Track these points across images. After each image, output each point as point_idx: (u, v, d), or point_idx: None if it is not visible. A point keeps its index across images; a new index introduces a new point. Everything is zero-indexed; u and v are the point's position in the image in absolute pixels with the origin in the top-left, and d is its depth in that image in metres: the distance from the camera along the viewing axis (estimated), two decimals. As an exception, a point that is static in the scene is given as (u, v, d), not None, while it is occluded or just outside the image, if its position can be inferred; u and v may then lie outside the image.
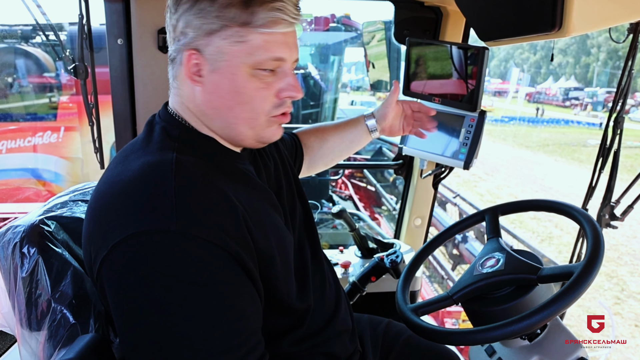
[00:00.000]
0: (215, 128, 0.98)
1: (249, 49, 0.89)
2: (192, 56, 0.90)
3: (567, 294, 0.95)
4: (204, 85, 0.93)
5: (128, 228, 0.78)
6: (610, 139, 1.88)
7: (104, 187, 0.88)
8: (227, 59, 0.90)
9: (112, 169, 0.91)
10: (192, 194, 0.82)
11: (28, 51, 6.14)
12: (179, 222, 0.78)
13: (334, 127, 1.56)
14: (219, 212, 0.83)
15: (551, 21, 1.11)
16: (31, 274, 0.98)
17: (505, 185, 14.11)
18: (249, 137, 0.99)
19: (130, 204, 0.81)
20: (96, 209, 0.86)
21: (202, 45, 0.89)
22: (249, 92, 0.93)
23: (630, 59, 1.79)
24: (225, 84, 0.92)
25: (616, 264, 8.41)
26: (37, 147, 5.98)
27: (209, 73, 0.91)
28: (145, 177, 0.84)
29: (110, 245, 0.79)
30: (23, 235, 1.00)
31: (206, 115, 0.96)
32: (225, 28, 0.88)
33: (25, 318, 0.98)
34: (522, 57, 58.21)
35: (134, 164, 0.87)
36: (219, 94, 0.93)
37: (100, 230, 0.82)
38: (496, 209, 1.36)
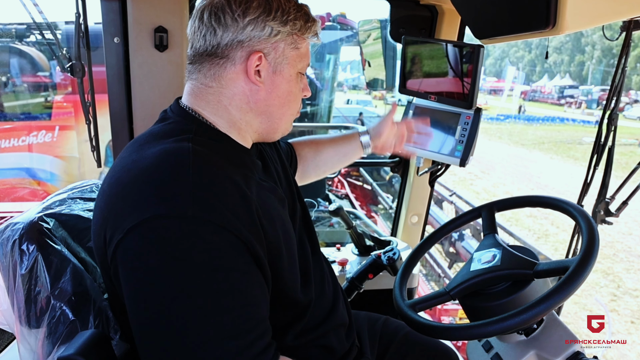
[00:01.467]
0: (253, 123, 1.06)
1: (300, 55, 1.04)
2: (256, 58, 0.98)
3: (563, 289, 0.96)
4: (264, 85, 1.01)
5: (145, 212, 0.80)
6: (604, 136, 1.90)
7: (119, 174, 0.90)
8: (288, 63, 1.02)
9: (126, 157, 0.94)
10: (208, 181, 0.85)
11: (22, 50, 6.12)
12: (194, 207, 0.80)
13: (329, 140, 1.64)
14: (234, 200, 0.86)
15: (545, 19, 1.12)
16: (30, 271, 0.99)
17: (501, 183, 14.16)
18: (281, 130, 1.11)
19: (147, 189, 0.83)
20: (112, 194, 0.88)
21: (269, 49, 0.99)
22: (297, 92, 1.08)
23: (623, 56, 1.81)
24: (284, 85, 1.04)
25: (612, 260, 8.46)
26: (32, 146, 5.96)
27: (271, 74, 1.01)
28: (163, 163, 0.86)
29: (126, 229, 0.81)
30: (22, 232, 1.00)
31: (252, 112, 1.04)
32: (290, 36, 1.01)
33: (25, 315, 0.98)
34: (517, 55, 58.32)
35: (150, 151, 0.90)
36: (277, 94, 1.03)
37: (116, 214, 0.84)
38: (492, 206, 1.37)
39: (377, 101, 25.63)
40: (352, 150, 1.61)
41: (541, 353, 1.12)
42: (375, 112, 18.51)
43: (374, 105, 22.67)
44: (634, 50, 39.20)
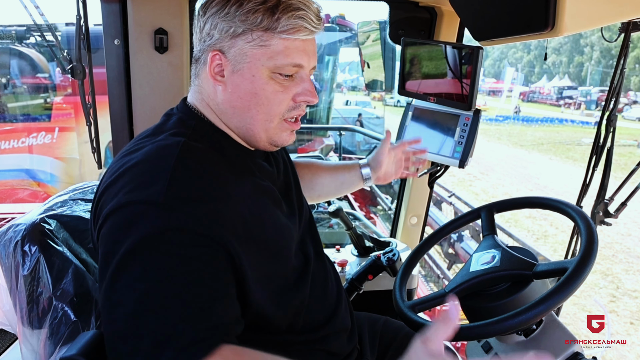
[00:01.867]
0: (232, 126, 1.03)
1: (270, 53, 0.95)
2: (216, 57, 0.97)
3: (562, 289, 0.96)
4: (225, 85, 0.99)
5: (121, 199, 0.83)
6: (603, 137, 1.90)
7: (113, 166, 0.94)
8: (249, 61, 0.96)
9: (125, 151, 0.96)
10: (188, 173, 0.86)
11: (22, 52, 6.12)
12: (167, 195, 0.81)
13: (328, 166, 1.60)
14: (211, 195, 0.87)
15: (544, 21, 1.13)
16: (32, 272, 1.00)
17: (500, 184, 14.17)
18: (263, 139, 1.04)
19: (129, 179, 0.86)
20: (103, 185, 0.92)
21: (226, 47, 0.96)
22: (267, 94, 0.99)
23: (622, 57, 1.81)
24: (245, 84, 0.97)
25: (611, 261, 8.46)
26: (32, 147, 5.96)
27: (231, 74, 0.98)
28: (150, 156, 0.89)
29: (104, 215, 0.84)
30: (24, 234, 1.01)
31: (225, 114, 1.02)
32: (249, 32, 0.94)
33: (27, 316, 0.99)
34: (516, 56, 58.40)
35: (145, 146, 0.92)
36: (238, 94, 0.99)
37: (102, 203, 0.88)
38: (492, 207, 1.37)
39: (376, 102, 25.64)
40: (351, 180, 1.57)
41: (540, 354, 1.12)
42: (374, 113, 18.50)
43: (372, 106, 22.67)
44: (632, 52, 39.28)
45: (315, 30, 0.98)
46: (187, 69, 1.95)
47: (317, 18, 0.97)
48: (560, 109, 36.97)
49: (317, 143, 9.22)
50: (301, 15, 0.94)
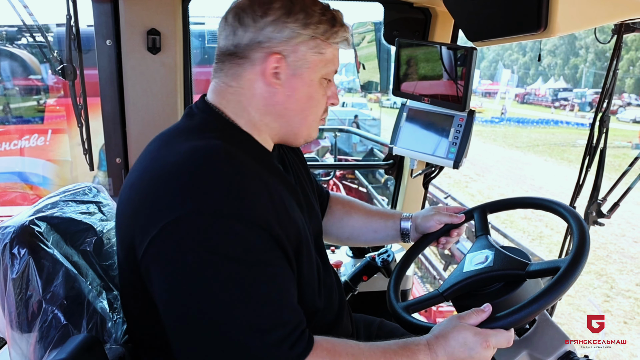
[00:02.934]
0: (272, 127, 1.06)
1: (324, 61, 1.03)
2: (274, 59, 0.98)
3: (554, 288, 0.96)
4: (282, 88, 1.01)
5: (180, 208, 0.82)
6: (596, 138, 1.91)
7: (150, 167, 0.93)
8: (309, 67, 1.01)
9: (154, 150, 0.97)
10: (240, 178, 0.87)
11: (14, 53, 6.08)
12: (229, 204, 0.83)
13: (366, 209, 1.52)
14: (264, 198, 0.89)
15: (536, 21, 1.13)
16: (22, 275, 0.98)
17: (496, 186, 14.20)
18: (303, 136, 1.11)
19: (181, 185, 0.85)
20: (143, 186, 0.90)
21: (288, 51, 0.99)
22: (319, 97, 1.07)
23: (614, 59, 1.82)
24: (304, 88, 1.03)
25: (605, 262, 8.49)
26: (24, 150, 5.92)
27: (290, 77, 1.01)
28: (195, 158, 0.88)
29: (160, 225, 0.82)
30: (13, 236, 1.00)
31: (271, 114, 1.04)
32: (313, 39, 1.00)
33: (16, 320, 0.97)
34: (512, 58, 58.66)
35: (180, 147, 0.91)
36: (296, 97, 1.03)
37: (148, 209, 0.86)
38: (484, 207, 1.37)
39: (373, 104, 25.69)
40: (386, 231, 1.45)
41: (533, 353, 1.12)
42: (370, 115, 18.55)
43: (369, 108, 22.71)
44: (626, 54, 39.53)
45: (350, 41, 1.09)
46: (181, 70, 1.94)
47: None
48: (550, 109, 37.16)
49: (313, 144, 9.20)
50: (347, 29, 1.06)
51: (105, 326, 1.04)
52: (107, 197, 1.36)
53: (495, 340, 0.97)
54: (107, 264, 1.22)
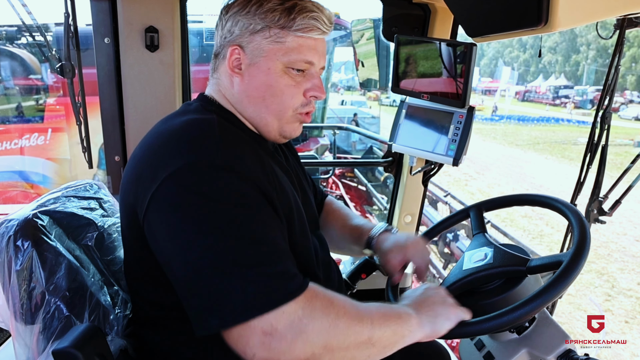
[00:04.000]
0: (247, 115, 1.12)
1: (285, 49, 1.05)
2: (235, 51, 1.07)
3: (558, 282, 0.95)
4: (242, 77, 1.08)
5: (178, 161, 0.89)
6: (597, 135, 1.90)
7: (151, 139, 1.00)
8: (265, 55, 1.06)
9: (154, 129, 1.05)
10: (233, 141, 0.96)
11: (14, 52, 6.08)
12: (223, 157, 0.91)
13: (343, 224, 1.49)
14: (256, 161, 0.97)
15: (537, 16, 1.12)
16: (25, 268, 1.00)
17: (496, 184, 14.18)
18: (275, 128, 1.13)
19: (179, 144, 0.93)
20: (143, 154, 0.98)
21: (245, 42, 1.06)
22: (280, 86, 1.08)
23: (617, 54, 1.81)
24: (261, 76, 1.07)
25: (606, 261, 8.48)
26: (24, 149, 5.93)
27: (248, 66, 1.07)
28: (192, 126, 0.97)
29: (161, 178, 0.89)
30: (17, 229, 1.02)
31: (240, 103, 1.11)
32: (267, 29, 1.04)
33: (19, 311, 0.99)
34: (512, 55, 58.55)
35: (177, 120, 1.00)
36: (254, 85, 1.08)
37: (150, 168, 0.93)
38: (480, 205, 1.37)
39: (372, 102, 25.69)
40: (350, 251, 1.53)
41: (533, 351, 1.12)
42: (369, 113, 18.54)
43: (368, 106, 22.71)
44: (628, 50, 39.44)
45: (326, 31, 1.08)
46: (179, 68, 1.93)
47: (329, 21, 1.08)
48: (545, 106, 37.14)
49: (312, 143, 9.23)
50: (314, 16, 1.05)
51: (108, 318, 1.06)
52: (107, 194, 1.38)
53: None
54: (109, 259, 1.24)
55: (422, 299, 1.06)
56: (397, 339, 0.97)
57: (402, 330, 0.97)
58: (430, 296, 1.07)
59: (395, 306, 1.04)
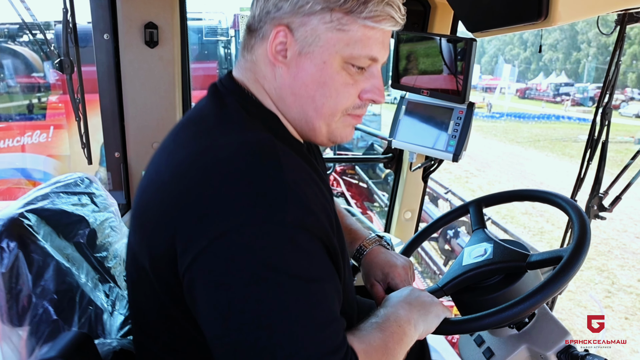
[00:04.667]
0: (290, 116, 0.91)
1: (347, 40, 0.83)
2: (280, 33, 0.83)
3: (558, 277, 0.95)
4: (288, 68, 0.86)
5: (237, 217, 0.70)
6: (598, 131, 1.89)
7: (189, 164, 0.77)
8: (322, 45, 0.83)
9: (189, 142, 0.82)
10: (300, 183, 0.75)
11: (16, 50, 6.08)
12: (292, 213, 0.72)
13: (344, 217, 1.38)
14: (319, 203, 0.79)
15: (537, 10, 1.12)
16: (11, 269, 0.95)
17: (497, 181, 14.17)
18: (323, 133, 0.92)
19: (235, 190, 0.72)
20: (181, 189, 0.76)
21: (297, 24, 0.82)
22: (336, 85, 0.86)
23: (617, 50, 1.80)
24: (313, 71, 0.85)
25: (607, 257, 8.48)
26: (26, 146, 5.94)
27: (297, 55, 0.84)
28: (248, 158, 0.75)
29: (212, 236, 0.70)
30: (2, 230, 0.97)
31: (283, 101, 0.89)
32: (328, 11, 0.81)
33: (6, 313, 0.96)
34: (512, 53, 58.41)
35: (224, 140, 0.78)
36: (303, 81, 0.86)
37: (194, 216, 0.72)
38: (480, 201, 1.37)
39: (373, 99, 25.58)
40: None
41: (533, 347, 1.11)
42: (370, 110, 18.47)
43: (369, 103, 22.61)
44: (629, 48, 39.34)
45: (400, 22, 0.85)
46: (178, 64, 1.93)
47: (402, 8, 0.86)
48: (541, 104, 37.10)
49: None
50: (390, 2, 0.83)
51: (100, 320, 1.03)
52: (99, 187, 1.31)
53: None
54: (102, 255, 1.20)
55: (410, 300, 1.00)
56: (403, 352, 0.91)
57: (407, 345, 0.93)
58: (417, 295, 1.03)
59: (393, 317, 0.94)
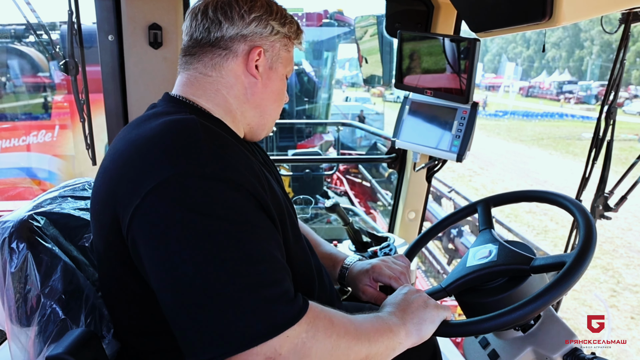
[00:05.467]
0: (246, 116, 1.09)
1: (289, 59, 1.12)
2: (257, 52, 1.04)
3: (560, 284, 0.94)
4: (261, 79, 1.07)
5: (162, 173, 0.80)
6: (602, 130, 1.89)
7: (124, 147, 0.90)
8: (282, 62, 1.10)
9: (124, 135, 0.96)
10: (221, 144, 0.88)
11: (22, 51, 6.11)
12: (212, 166, 0.82)
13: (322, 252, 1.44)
14: (246, 164, 0.89)
15: (542, 10, 1.11)
16: (20, 270, 0.98)
17: (500, 180, 14.15)
18: (266, 129, 1.16)
19: (159, 152, 0.84)
20: (117, 167, 0.89)
21: (267, 46, 1.06)
22: (283, 93, 1.14)
23: (622, 49, 1.80)
24: (276, 82, 1.10)
25: (612, 256, 8.46)
26: (31, 146, 5.97)
27: (268, 70, 1.08)
28: (172, 128, 0.88)
29: (144, 193, 0.80)
30: (12, 231, 0.99)
31: (248, 103, 1.08)
32: (286, 38, 1.09)
33: (15, 313, 0.97)
34: (515, 51, 58.19)
35: (153, 124, 0.90)
36: (271, 89, 1.09)
37: (127, 182, 0.84)
38: (488, 201, 1.35)
39: (376, 98, 25.63)
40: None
41: (538, 349, 1.11)
42: (373, 109, 18.50)
43: (372, 102, 22.66)
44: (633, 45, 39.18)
45: None
46: (182, 64, 1.93)
47: None
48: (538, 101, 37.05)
49: (317, 139, 9.23)
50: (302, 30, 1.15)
51: (104, 320, 1.03)
52: None
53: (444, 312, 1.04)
54: None
55: (405, 305, 1.04)
56: (389, 353, 0.96)
57: (393, 344, 0.97)
58: (413, 301, 1.05)
59: (385, 317, 1.01)
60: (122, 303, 0.98)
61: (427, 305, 1.04)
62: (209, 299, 0.77)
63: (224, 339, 0.76)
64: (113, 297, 1.00)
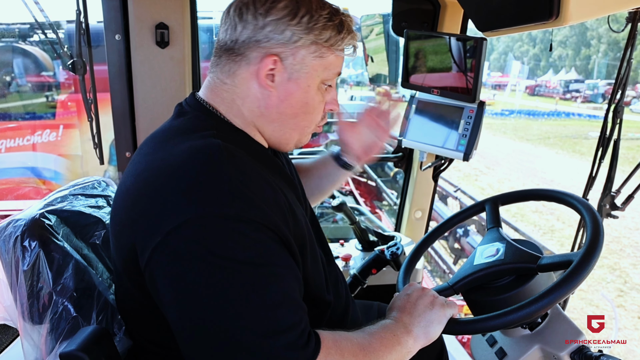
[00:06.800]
0: (265, 131, 1.02)
1: (325, 64, 0.98)
2: (270, 61, 0.93)
3: (566, 283, 0.95)
4: (276, 91, 0.97)
5: (184, 213, 0.78)
6: (610, 129, 1.88)
7: (146, 171, 0.88)
8: (307, 71, 0.96)
9: (150, 153, 0.92)
10: (244, 179, 0.83)
11: (26, 50, 6.13)
12: (235, 205, 0.80)
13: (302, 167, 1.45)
14: (268, 197, 0.86)
15: (548, 10, 1.11)
16: (32, 267, 0.99)
17: (506, 179, 14.09)
18: (293, 142, 1.06)
19: (184, 188, 0.81)
20: (140, 194, 0.86)
21: (287, 54, 0.94)
22: (315, 103, 1.01)
23: (629, 48, 1.79)
24: (299, 93, 0.98)
25: (619, 256, 8.41)
26: (37, 145, 5.99)
27: (286, 81, 0.96)
28: (195, 160, 0.84)
29: (165, 231, 0.78)
30: (24, 229, 1.01)
31: (264, 117, 0.99)
32: (314, 45, 0.95)
33: (27, 311, 0.99)
34: (522, 50, 57.92)
35: (177, 148, 0.87)
36: (290, 102, 0.98)
37: (149, 216, 0.82)
38: (496, 199, 1.36)
39: (381, 97, 25.54)
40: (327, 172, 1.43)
41: (545, 347, 1.11)
42: (377, 108, 18.43)
43: (378, 101, 22.57)
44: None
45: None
46: (189, 64, 1.94)
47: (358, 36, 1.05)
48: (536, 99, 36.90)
49: (322, 138, 9.22)
50: (355, 36, 1.01)
51: (116, 318, 1.05)
52: (115, 190, 1.35)
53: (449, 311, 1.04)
54: None
55: (411, 309, 1.04)
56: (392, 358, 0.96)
57: (402, 355, 0.97)
58: (419, 303, 1.05)
59: (392, 327, 1.00)
60: (135, 312, 0.98)
61: (433, 305, 1.04)
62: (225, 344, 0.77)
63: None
64: (127, 306, 1.00)
